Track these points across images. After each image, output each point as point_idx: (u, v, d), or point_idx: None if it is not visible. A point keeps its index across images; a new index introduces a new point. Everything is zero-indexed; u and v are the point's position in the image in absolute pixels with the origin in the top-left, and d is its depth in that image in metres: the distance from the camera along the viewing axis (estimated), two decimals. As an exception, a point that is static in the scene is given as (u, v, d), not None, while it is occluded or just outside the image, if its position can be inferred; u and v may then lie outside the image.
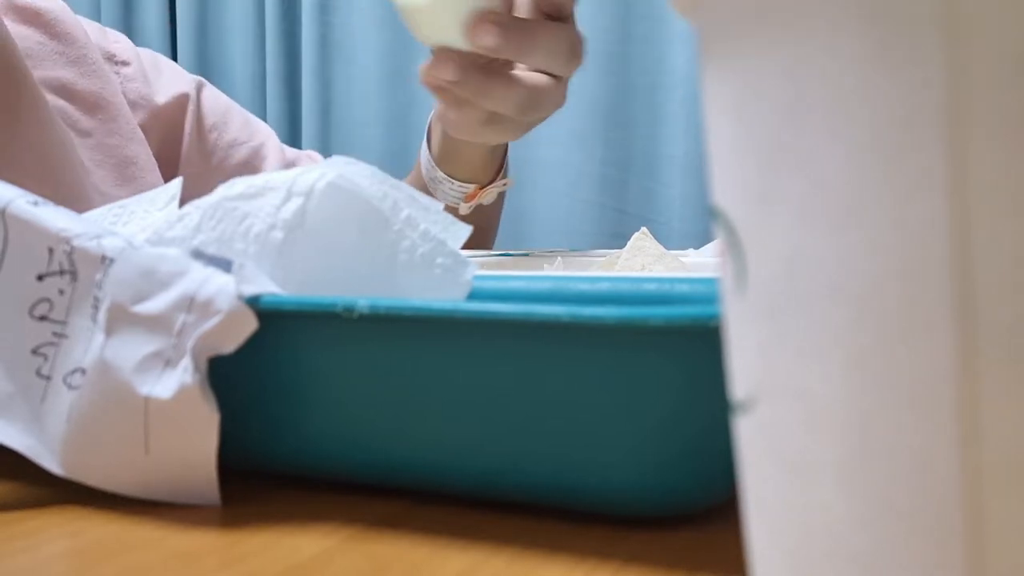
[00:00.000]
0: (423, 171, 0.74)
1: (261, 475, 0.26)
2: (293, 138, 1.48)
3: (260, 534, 0.22)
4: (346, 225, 0.26)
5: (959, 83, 0.10)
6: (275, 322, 0.23)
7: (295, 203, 0.26)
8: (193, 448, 0.23)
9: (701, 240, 0.77)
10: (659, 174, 1.30)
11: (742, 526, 0.13)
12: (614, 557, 0.20)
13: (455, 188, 0.71)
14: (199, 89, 0.84)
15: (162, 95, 0.80)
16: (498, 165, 0.73)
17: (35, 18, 0.75)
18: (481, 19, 0.53)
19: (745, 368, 0.12)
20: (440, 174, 0.72)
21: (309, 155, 0.90)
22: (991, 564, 0.10)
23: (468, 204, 0.72)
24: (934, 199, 0.10)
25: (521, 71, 0.61)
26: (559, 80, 0.61)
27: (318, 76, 1.49)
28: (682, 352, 0.19)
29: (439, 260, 0.27)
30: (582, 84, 1.31)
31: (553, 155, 1.33)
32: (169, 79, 0.82)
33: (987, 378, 0.10)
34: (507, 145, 0.74)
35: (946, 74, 0.10)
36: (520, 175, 1.35)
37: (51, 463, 0.24)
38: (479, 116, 0.61)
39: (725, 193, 0.12)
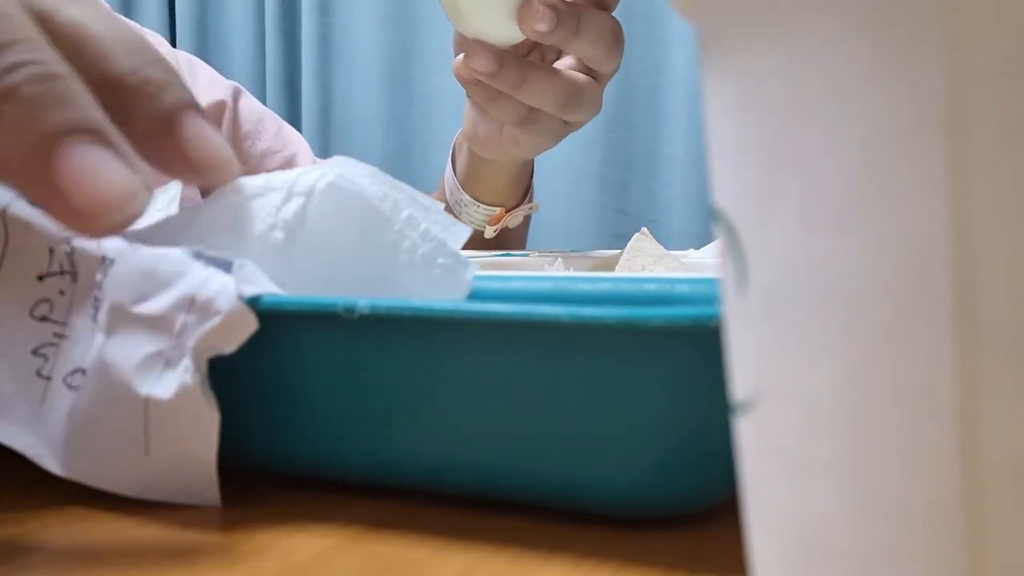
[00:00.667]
0: (447, 194, 0.73)
1: (261, 475, 0.26)
2: (293, 138, 1.48)
3: (260, 534, 0.22)
4: (347, 225, 0.26)
5: (959, 83, 0.10)
6: (275, 322, 0.23)
7: (296, 203, 0.26)
8: (193, 448, 0.23)
9: (702, 240, 0.77)
10: (660, 174, 1.30)
11: (742, 526, 0.13)
12: (614, 557, 0.20)
13: (480, 211, 0.70)
14: (236, 97, 0.82)
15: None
16: (524, 188, 0.72)
17: None
18: (534, 2, 0.52)
19: (745, 369, 0.12)
20: (466, 197, 0.71)
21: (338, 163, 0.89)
22: (992, 564, 0.10)
23: (493, 227, 0.71)
24: (935, 200, 0.10)
25: (559, 67, 0.60)
26: (598, 79, 0.60)
27: (318, 77, 1.49)
28: (683, 353, 0.19)
29: (440, 260, 0.27)
30: (582, 84, 1.31)
31: (553, 155, 1.33)
32: (205, 86, 0.80)
33: (987, 379, 0.10)
34: (533, 169, 0.73)
35: (946, 75, 0.10)
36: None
37: (51, 463, 0.24)
38: (516, 113, 0.59)
39: (726, 194, 0.12)
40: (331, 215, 0.26)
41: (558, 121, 0.61)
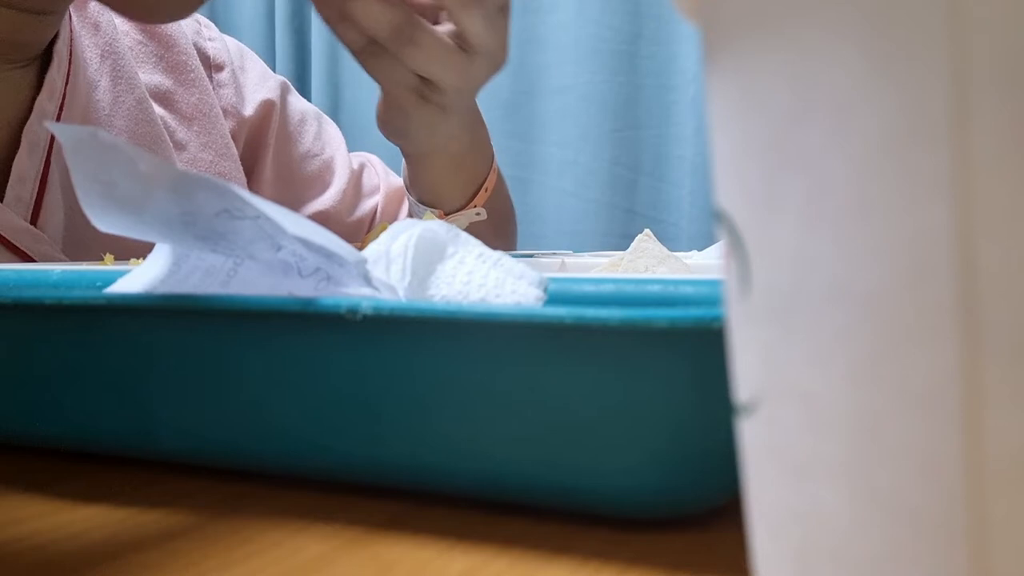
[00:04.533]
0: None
1: (264, 476, 0.26)
2: (302, 138, 1.49)
3: (262, 535, 0.22)
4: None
5: (962, 86, 0.10)
6: (279, 322, 0.23)
7: (398, 264, 0.27)
8: None
9: (711, 240, 0.77)
10: (669, 174, 1.30)
11: (745, 528, 0.13)
12: (618, 559, 0.20)
13: (424, 212, 0.70)
14: (283, 95, 0.80)
15: (249, 104, 0.77)
16: (468, 193, 0.70)
17: None
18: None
19: (748, 370, 0.12)
20: (411, 198, 0.70)
21: (369, 159, 0.87)
22: (996, 566, 0.10)
23: None
24: (938, 202, 0.10)
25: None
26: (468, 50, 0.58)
27: (327, 77, 1.50)
28: (687, 354, 0.19)
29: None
30: (592, 84, 1.31)
31: (562, 155, 1.33)
32: (255, 83, 0.79)
33: (991, 380, 0.10)
34: (487, 176, 0.71)
35: (949, 77, 0.10)
36: (529, 175, 1.35)
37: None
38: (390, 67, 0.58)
39: (729, 196, 0.12)
40: (423, 265, 0.27)
41: (411, 76, 0.60)
